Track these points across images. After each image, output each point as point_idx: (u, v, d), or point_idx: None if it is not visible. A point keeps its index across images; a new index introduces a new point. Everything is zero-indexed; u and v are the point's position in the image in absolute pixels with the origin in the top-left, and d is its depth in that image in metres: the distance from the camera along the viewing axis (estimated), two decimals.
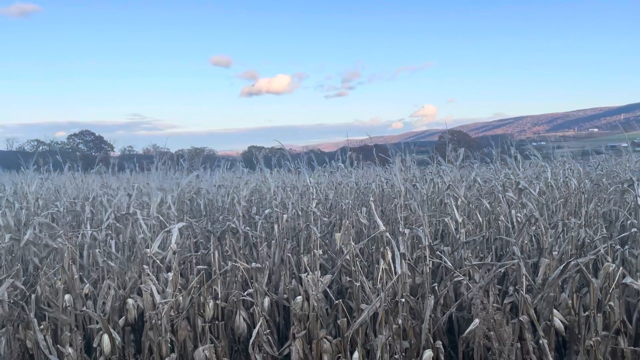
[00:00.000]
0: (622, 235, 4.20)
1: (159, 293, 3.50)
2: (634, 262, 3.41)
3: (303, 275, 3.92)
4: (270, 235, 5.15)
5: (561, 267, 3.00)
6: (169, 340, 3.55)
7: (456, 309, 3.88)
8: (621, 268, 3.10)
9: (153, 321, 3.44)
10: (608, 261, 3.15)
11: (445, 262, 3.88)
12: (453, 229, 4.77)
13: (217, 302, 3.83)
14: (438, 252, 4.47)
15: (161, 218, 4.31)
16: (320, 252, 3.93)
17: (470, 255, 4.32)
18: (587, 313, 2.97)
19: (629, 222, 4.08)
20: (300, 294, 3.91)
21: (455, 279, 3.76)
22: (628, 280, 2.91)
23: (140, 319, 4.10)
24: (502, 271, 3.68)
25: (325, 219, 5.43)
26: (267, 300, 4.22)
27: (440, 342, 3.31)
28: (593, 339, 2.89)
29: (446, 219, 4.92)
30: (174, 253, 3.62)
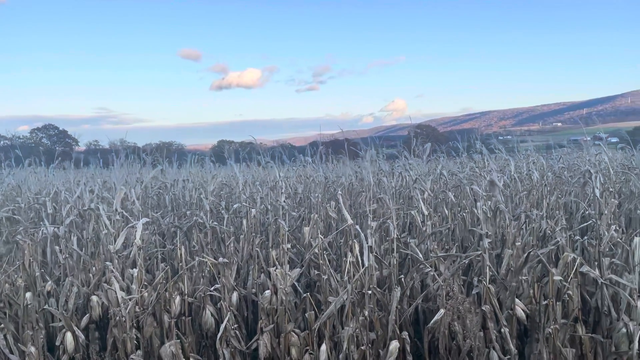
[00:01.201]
0: (582, 225, 4.34)
1: (122, 290, 3.44)
2: (592, 252, 3.53)
3: (271, 270, 3.92)
4: (239, 230, 5.12)
5: (522, 257, 3.08)
6: (135, 336, 3.50)
7: (422, 300, 3.94)
8: (579, 258, 3.20)
9: (117, 318, 3.38)
10: (568, 251, 3.25)
11: (415, 253, 3.93)
12: (420, 221, 4.83)
13: (184, 297, 3.80)
14: (406, 244, 4.53)
15: (125, 214, 4.23)
16: (289, 246, 3.93)
17: (436, 247, 4.39)
18: (546, 302, 3.06)
19: (587, 213, 4.21)
20: (268, 288, 3.91)
21: (424, 271, 3.82)
22: (585, 269, 3.01)
23: (106, 316, 4.03)
24: (466, 262, 3.76)
25: (294, 214, 5.43)
26: (235, 295, 4.20)
27: (407, 333, 3.37)
28: (552, 327, 2.98)
29: (413, 212, 4.98)
30: (139, 249, 3.56)
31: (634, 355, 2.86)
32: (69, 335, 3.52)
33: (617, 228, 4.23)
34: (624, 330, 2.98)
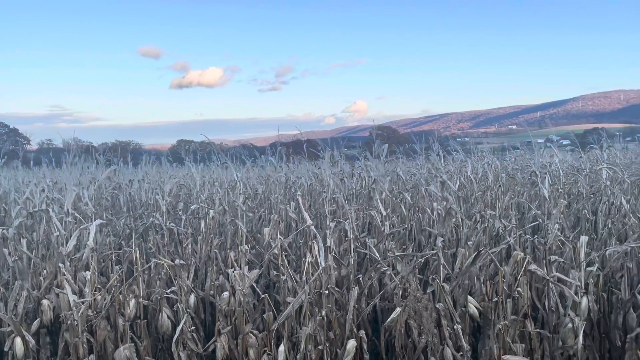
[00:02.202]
0: (530, 225, 4.50)
1: (74, 293, 3.35)
2: (542, 250, 3.66)
3: (230, 271, 3.89)
4: (198, 232, 5.06)
5: (472, 256, 3.17)
6: (87, 341, 3.41)
7: (380, 299, 4.00)
8: (528, 256, 3.32)
9: (69, 322, 3.28)
10: (517, 250, 3.37)
11: (372, 253, 3.98)
12: (379, 221, 4.90)
13: (140, 300, 3.72)
14: (364, 244, 4.59)
15: (77, 215, 4.11)
16: (247, 248, 3.91)
17: (393, 246, 4.46)
18: (496, 299, 3.16)
19: (538, 212, 4.37)
20: (227, 290, 3.88)
21: (381, 270, 3.88)
22: (533, 267, 3.12)
23: (57, 320, 3.91)
24: (422, 261, 3.85)
25: (251, 215, 5.41)
26: (192, 297, 4.16)
27: (364, 332, 3.41)
28: (502, 323, 3.08)
29: (372, 212, 5.05)
30: (92, 251, 3.48)
31: (578, 349, 2.99)
32: (18, 340, 3.40)
33: (564, 227, 4.41)
34: (570, 325, 3.11)
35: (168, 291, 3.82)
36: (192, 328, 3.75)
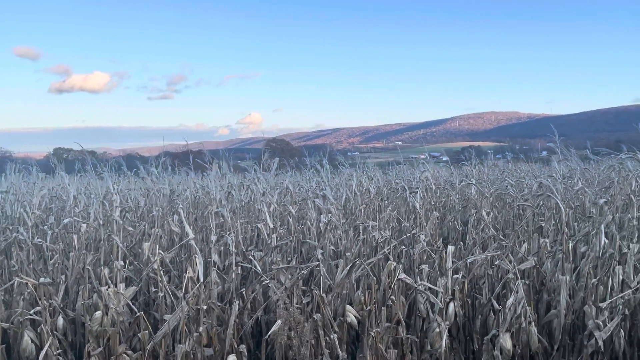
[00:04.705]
0: (404, 236, 4.77)
1: None
2: (412, 260, 3.91)
3: (103, 289, 3.67)
4: (70, 247, 4.71)
5: (348, 267, 3.30)
6: None
7: (264, 312, 4.00)
8: (401, 265, 3.52)
9: None
10: (391, 260, 3.56)
11: (254, 266, 3.97)
12: (265, 234, 4.91)
13: None
14: (250, 257, 4.56)
15: None
16: (122, 264, 3.72)
17: (279, 259, 4.49)
18: (369, 307, 3.30)
19: (407, 225, 4.66)
20: (100, 309, 3.66)
21: (263, 283, 3.88)
22: (402, 276, 3.32)
23: None
24: (305, 273, 3.91)
25: (131, 229, 5.16)
26: (61, 318, 3.86)
27: (245, 346, 3.39)
28: (374, 330, 3.23)
29: (259, 225, 5.05)
30: None
31: (442, 352, 3.22)
32: None
33: (436, 237, 4.74)
34: (437, 329, 3.34)
35: (31, 312, 3.51)
36: (59, 351, 3.47)
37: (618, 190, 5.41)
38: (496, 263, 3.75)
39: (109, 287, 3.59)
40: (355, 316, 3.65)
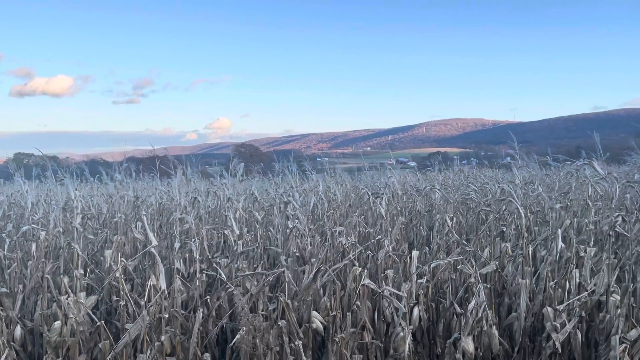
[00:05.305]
0: (370, 242, 4.81)
1: None
2: (377, 265, 3.93)
3: (62, 298, 3.57)
4: (29, 255, 4.56)
5: (312, 274, 3.30)
6: None
7: (229, 320, 3.96)
8: (366, 270, 3.55)
9: None
10: (356, 265, 3.58)
11: (219, 274, 3.93)
12: (232, 240, 4.87)
13: None
14: (215, 265, 4.51)
15: None
16: (82, 272, 3.63)
17: (245, 265, 4.46)
18: (333, 313, 3.31)
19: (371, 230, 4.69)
20: (59, 319, 3.55)
21: (228, 290, 3.84)
22: (366, 281, 3.35)
23: None
24: (271, 280, 3.89)
25: (92, 237, 5.04)
26: (18, 329, 3.73)
27: (209, 354, 3.35)
28: (338, 336, 3.24)
29: (226, 231, 5.00)
30: None
31: (405, 356, 3.25)
32: None
33: (398, 242, 4.79)
34: (401, 334, 3.37)
35: None
36: None
37: (576, 196, 5.59)
38: (459, 267, 3.81)
39: (68, 296, 3.50)
40: (321, 322, 3.66)
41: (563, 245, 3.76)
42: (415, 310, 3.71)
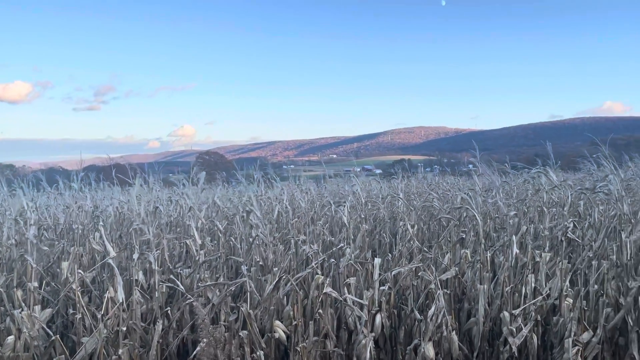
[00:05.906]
0: (333, 249, 4.83)
1: None
2: (339, 273, 3.96)
3: (16, 312, 3.45)
4: None
5: (273, 283, 3.30)
6: None
7: (190, 331, 3.90)
8: (329, 279, 3.56)
9: None
10: (319, 273, 3.59)
11: (178, 285, 3.87)
12: (194, 250, 4.81)
13: None
14: (175, 275, 4.44)
15: None
16: (36, 285, 3.52)
17: (207, 275, 4.40)
18: (295, 322, 3.31)
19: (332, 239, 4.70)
20: (13, 333, 3.43)
21: (188, 301, 3.78)
22: (328, 289, 3.36)
23: None
24: (233, 289, 3.86)
25: (46, 249, 4.89)
26: None
27: None
28: (300, 345, 3.24)
29: (188, 241, 4.93)
30: None
31: None
32: None
33: (362, 249, 4.83)
34: (363, 342, 3.40)
35: None
36: None
37: (533, 203, 5.76)
38: (420, 274, 3.87)
39: (22, 310, 3.38)
40: (284, 331, 3.65)
41: (518, 251, 3.86)
42: (378, 318, 3.74)
